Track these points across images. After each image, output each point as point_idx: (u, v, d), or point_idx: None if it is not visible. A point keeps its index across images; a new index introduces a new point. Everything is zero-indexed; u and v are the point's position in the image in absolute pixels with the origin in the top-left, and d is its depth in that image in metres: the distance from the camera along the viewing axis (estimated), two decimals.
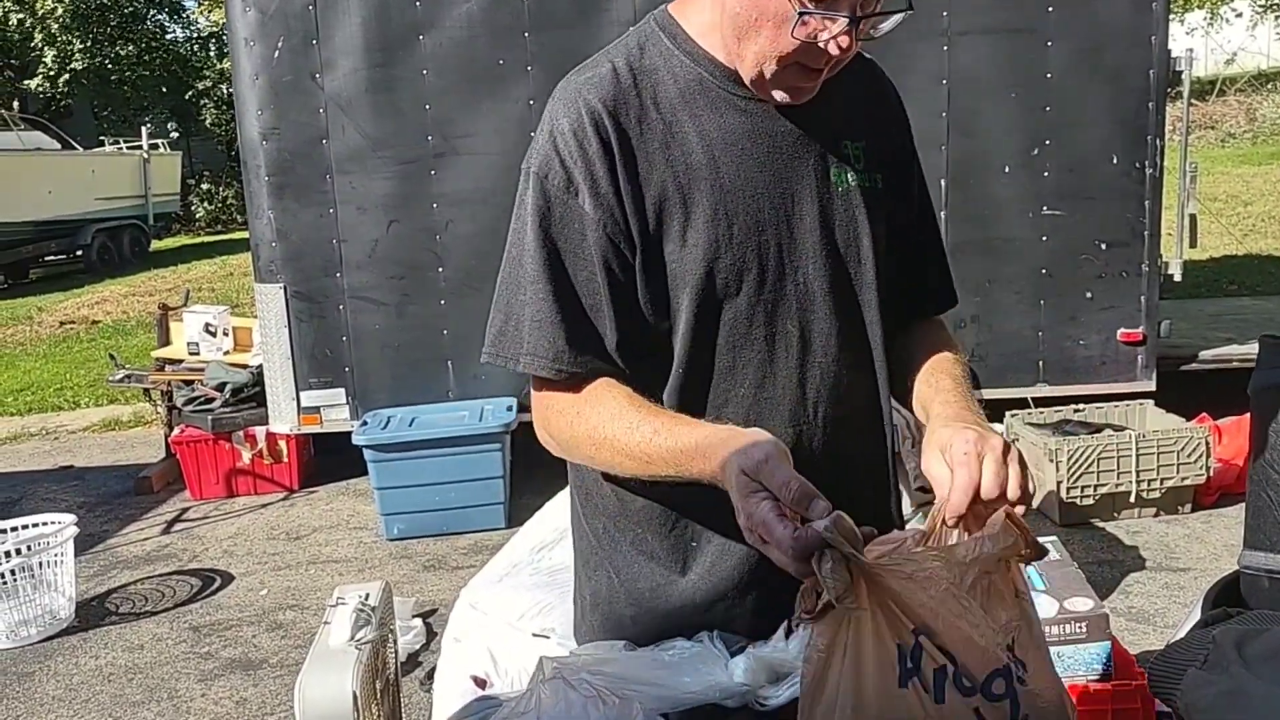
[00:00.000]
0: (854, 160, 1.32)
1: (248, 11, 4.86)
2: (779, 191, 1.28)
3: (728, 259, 1.26)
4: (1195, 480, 4.45)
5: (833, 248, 1.31)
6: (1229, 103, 18.00)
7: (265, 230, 5.04)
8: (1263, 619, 1.35)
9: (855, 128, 1.34)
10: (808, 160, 1.30)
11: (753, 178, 1.28)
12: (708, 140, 1.27)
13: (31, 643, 4.05)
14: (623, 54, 1.31)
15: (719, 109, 1.28)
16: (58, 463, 6.67)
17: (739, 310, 1.28)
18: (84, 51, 21.92)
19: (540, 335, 1.27)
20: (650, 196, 1.26)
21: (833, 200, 1.31)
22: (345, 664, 2.36)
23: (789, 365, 1.30)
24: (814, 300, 1.30)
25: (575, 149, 1.25)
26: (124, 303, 12.82)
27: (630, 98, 1.27)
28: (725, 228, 1.26)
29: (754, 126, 1.28)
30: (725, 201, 1.26)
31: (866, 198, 1.32)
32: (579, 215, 1.25)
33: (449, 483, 4.80)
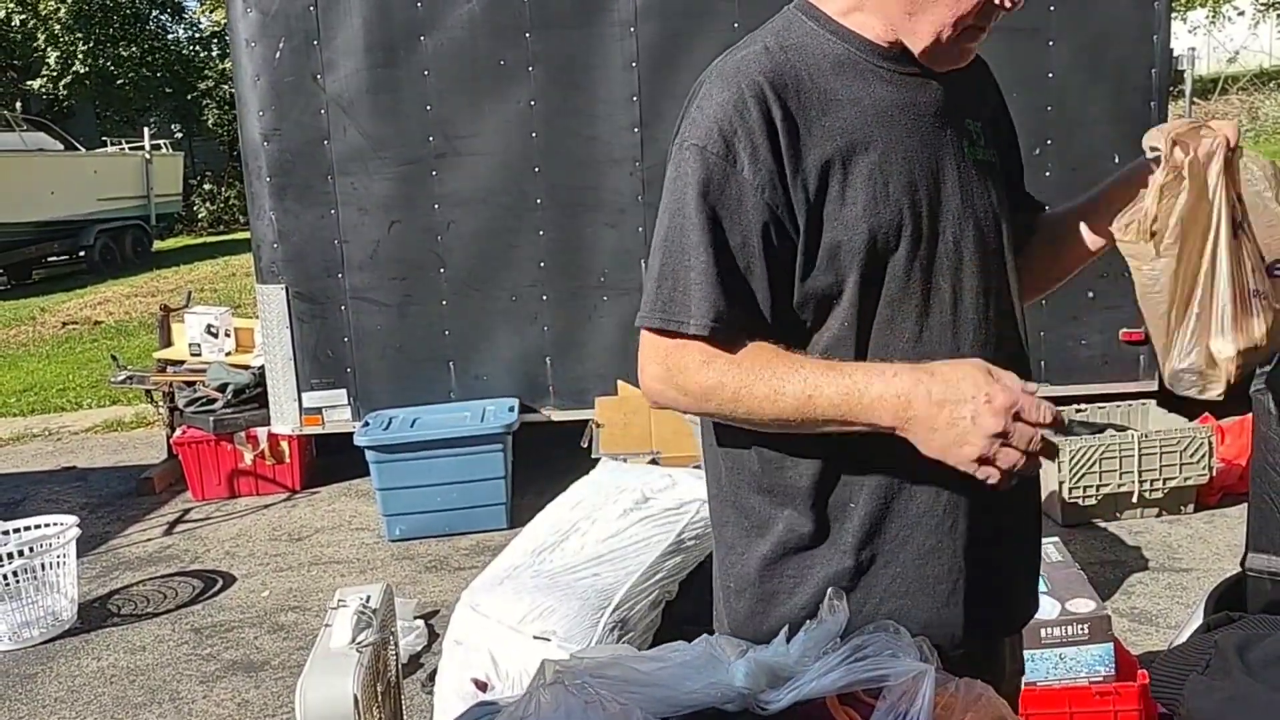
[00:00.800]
0: (977, 136, 1.45)
1: (249, 12, 4.86)
2: (926, 156, 1.37)
3: (886, 216, 1.33)
4: (1198, 480, 4.44)
5: (972, 211, 1.39)
6: (1231, 101, 17.96)
7: (267, 231, 5.04)
8: (1265, 623, 1.35)
9: (975, 108, 1.47)
10: (946, 131, 1.39)
11: (903, 142, 1.35)
12: (860, 107, 1.35)
13: (34, 644, 4.05)
14: (771, 35, 1.38)
15: (868, 80, 1.36)
16: (60, 464, 6.67)
17: (898, 266, 1.34)
18: (87, 53, 21.94)
19: (704, 297, 1.31)
20: (811, 161, 1.31)
21: (969, 169, 1.41)
22: (346, 666, 2.36)
23: (942, 319, 1.36)
24: (962, 259, 1.37)
25: (736, 120, 1.31)
26: (126, 303, 12.83)
27: (786, 70, 1.34)
28: (882, 187, 1.33)
29: (902, 97, 1.37)
30: (881, 163, 1.33)
31: (992, 166, 1.46)
32: (738, 183, 1.31)
33: (451, 484, 4.80)
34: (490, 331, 5.12)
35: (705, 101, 1.34)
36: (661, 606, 2.69)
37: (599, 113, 4.94)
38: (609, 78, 4.90)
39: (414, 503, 4.80)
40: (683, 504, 2.85)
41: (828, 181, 1.32)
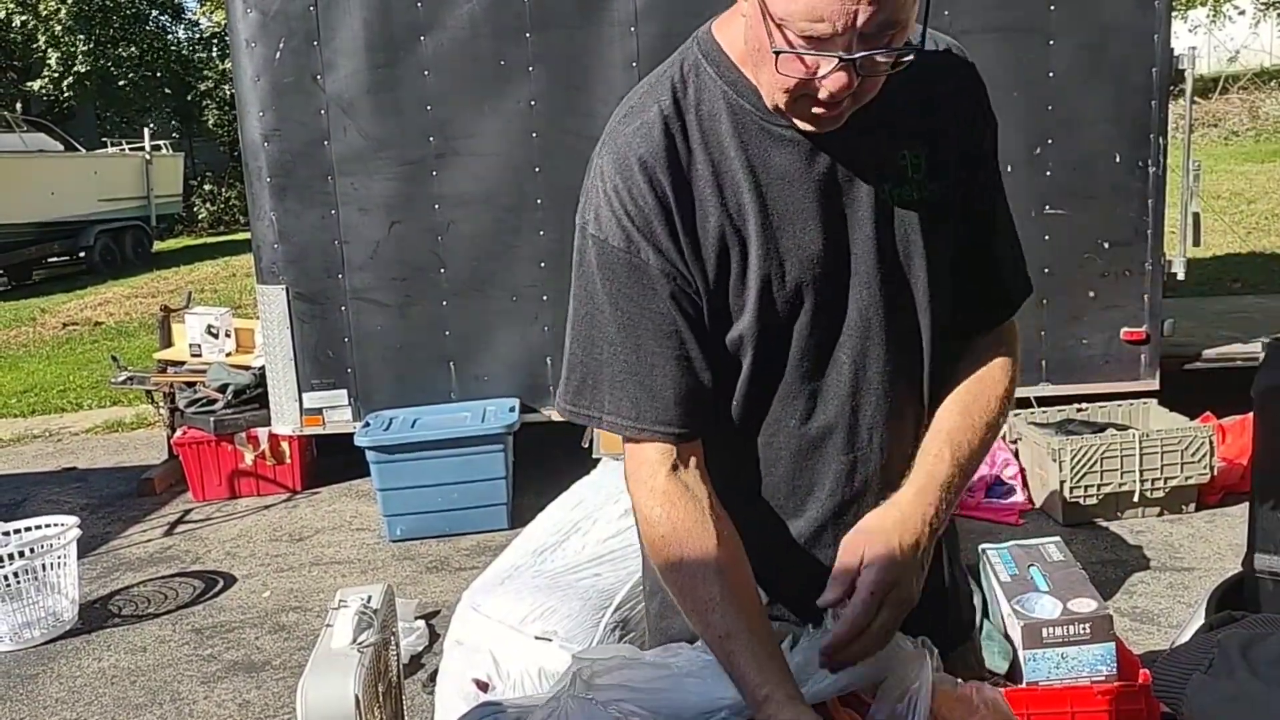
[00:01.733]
0: (914, 172, 1.28)
1: (249, 13, 4.86)
2: (831, 221, 1.26)
3: (781, 296, 1.26)
4: (1199, 479, 4.44)
5: (887, 273, 1.28)
6: (1232, 100, 17.96)
7: (267, 232, 5.04)
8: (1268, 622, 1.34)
9: (915, 136, 1.28)
10: (861, 184, 1.26)
11: (803, 208, 1.25)
12: (754, 176, 1.25)
13: (35, 645, 4.05)
14: (668, 92, 1.29)
15: (763, 143, 1.26)
16: (61, 464, 6.67)
17: (794, 345, 1.29)
18: (87, 53, 21.95)
19: (622, 395, 1.28)
20: (709, 243, 1.26)
21: (889, 223, 1.27)
22: (347, 667, 2.36)
23: (840, 394, 1.30)
24: (869, 328, 1.29)
25: (633, 208, 1.25)
26: (127, 304, 12.83)
27: (679, 144, 1.26)
28: (776, 265, 1.25)
29: (801, 154, 1.25)
30: (776, 238, 1.25)
31: (927, 212, 1.28)
32: (645, 272, 1.25)
33: (451, 484, 4.79)
34: (491, 332, 5.12)
35: (600, 181, 1.29)
36: None
37: (600, 113, 4.93)
38: (610, 78, 4.89)
39: (415, 503, 4.80)
40: None
41: (728, 262, 1.26)
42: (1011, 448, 4.84)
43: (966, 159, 1.31)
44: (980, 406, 1.31)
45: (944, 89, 1.31)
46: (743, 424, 1.32)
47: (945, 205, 1.29)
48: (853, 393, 1.30)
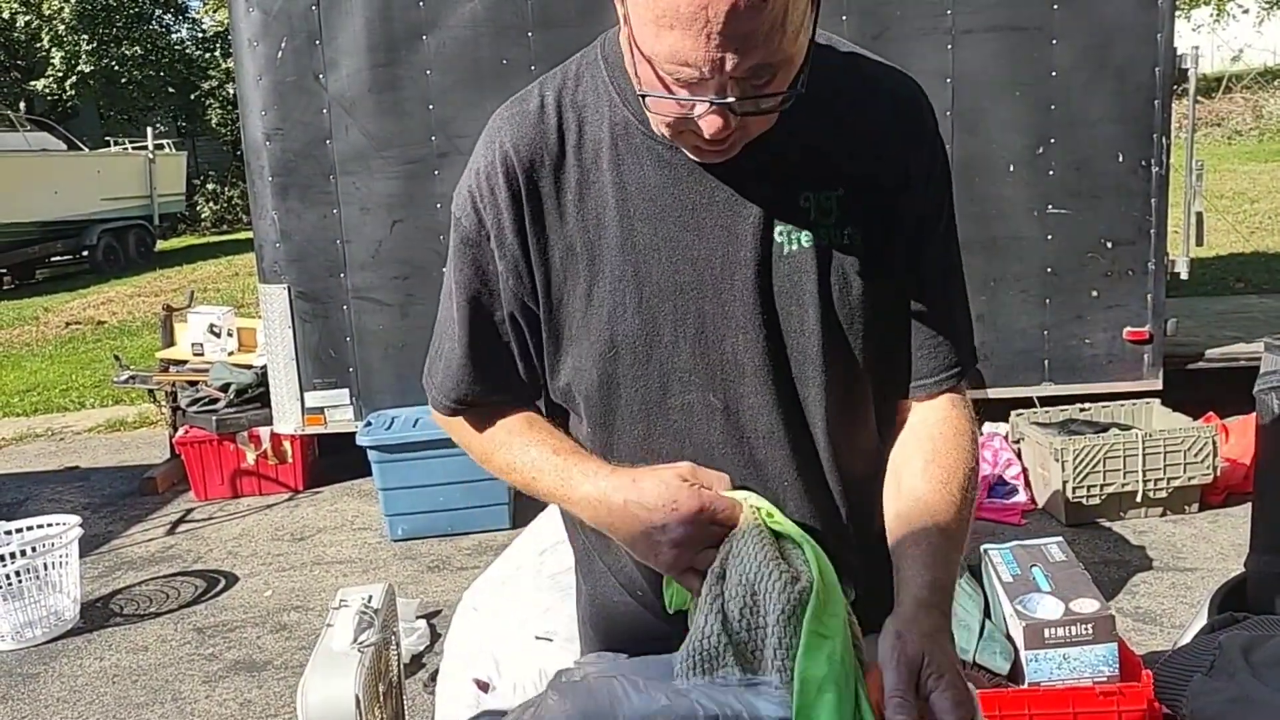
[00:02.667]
0: (818, 214, 1.16)
1: (251, 12, 4.86)
2: (705, 254, 1.15)
3: (635, 324, 1.17)
4: (1202, 479, 4.43)
5: (770, 316, 1.17)
6: (1235, 100, 17.93)
7: (269, 231, 5.04)
8: (1269, 624, 1.34)
9: (827, 176, 1.16)
10: (746, 218, 1.15)
11: (672, 237, 1.15)
12: (624, 194, 1.16)
13: (36, 644, 4.05)
14: (556, 85, 1.23)
15: (641, 159, 1.16)
16: (63, 463, 6.68)
17: (650, 379, 1.19)
18: (90, 53, 21.98)
19: (448, 376, 1.29)
20: (556, 252, 1.19)
21: (775, 263, 1.16)
22: (347, 667, 2.36)
23: (710, 438, 1.21)
24: (743, 372, 1.18)
25: (488, 194, 1.20)
26: (129, 303, 12.84)
27: (551, 141, 1.19)
28: (634, 291, 1.16)
29: (680, 181, 1.15)
30: (636, 263, 1.16)
31: (828, 257, 1.16)
32: (491, 260, 1.22)
33: (453, 483, 4.79)
34: None
35: (473, 160, 1.24)
36: None
37: None
38: None
39: (416, 502, 4.80)
40: None
41: (573, 277, 1.19)
42: (1014, 447, 4.84)
43: (896, 210, 1.18)
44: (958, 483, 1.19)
45: (870, 131, 1.18)
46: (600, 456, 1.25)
47: (863, 252, 1.17)
48: (724, 439, 1.21)
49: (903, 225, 1.19)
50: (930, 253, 1.21)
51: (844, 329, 1.17)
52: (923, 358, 1.23)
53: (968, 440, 1.22)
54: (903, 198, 1.18)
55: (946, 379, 1.23)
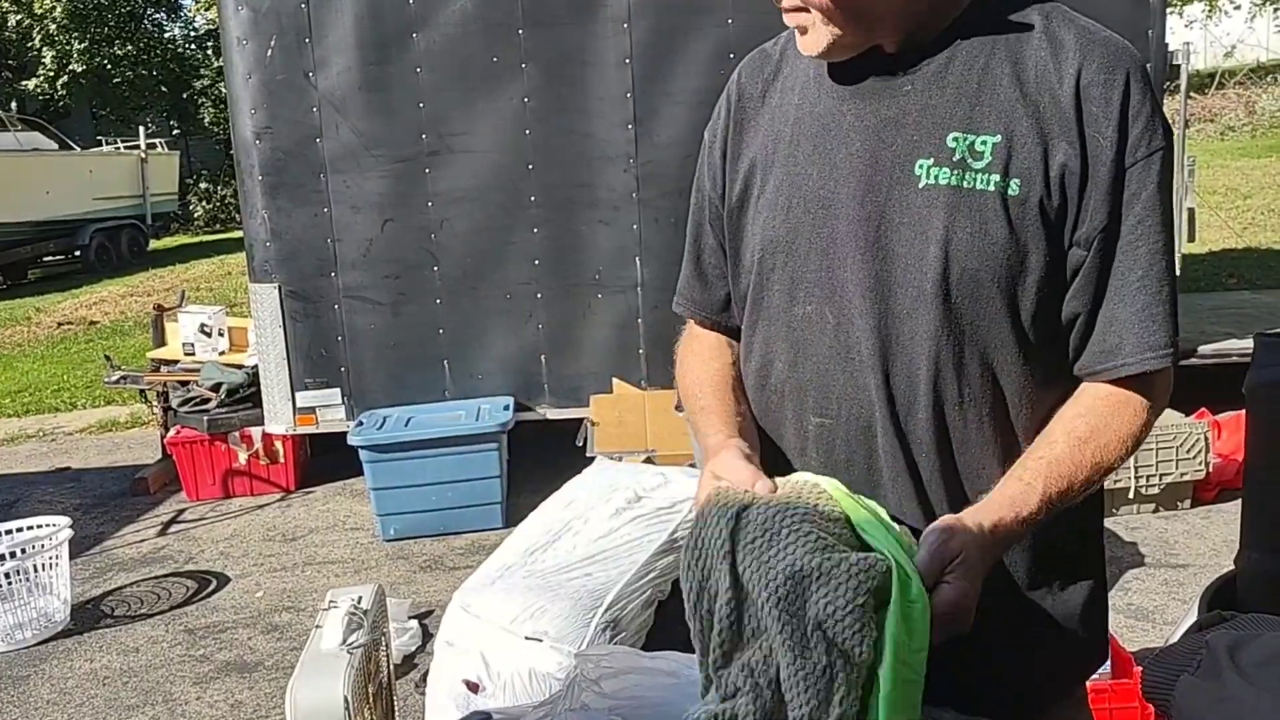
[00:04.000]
0: (967, 155, 1.17)
1: (240, 10, 4.84)
2: (849, 174, 1.22)
3: (781, 232, 1.27)
4: (1194, 476, 4.44)
5: (886, 243, 1.20)
6: (1228, 96, 17.96)
7: (259, 230, 5.02)
8: (1256, 623, 1.33)
9: (982, 118, 1.17)
10: (891, 146, 1.20)
11: (827, 157, 1.24)
12: (800, 116, 1.28)
13: (26, 646, 4.04)
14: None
15: (822, 88, 1.27)
16: (54, 464, 6.65)
17: (783, 285, 1.28)
18: (82, 52, 21.91)
19: (682, 278, 1.47)
20: (744, 164, 1.33)
21: (907, 194, 1.19)
22: (336, 668, 2.35)
23: (820, 351, 1.26)
24: (853, 293, 1.22)
25: (720, 111, 1.39)
26: (122, 303, 12.81)
27: (767, 73, 1.35)
28: (785, 201, 1.27)
29: (844, 110, 1.24)
30: (793, 176, 1.26)
31: (968, 199, 1.16)
32: (704, 168, 1.41)
33: (445, 483, 4.78)
34: (485, 330, 5.10)
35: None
36: (654, 606, 2.68)
37: (593, 110, 4.92)
38: (603, 75, 4.88)
39: (408, 502, 4.79)
40: (675, 503, 2.84)
41: (751, 187, 1.32)
42: None
43: (1068, 173, 1.15)
44: (1096, 445, 1.18)
45: (1051, 83, 1.17)
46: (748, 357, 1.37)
47: (1010, 204, 1.16)
48: (834, 354, 1.25)
49: (1075, 193, 1.16)
50: (1114, 230, 1.17)
51: (972, 276, 1.16)
52: (1081, 339, 1.21)
53: (1123, 426, 1.19)
54: (1083, 166, 1.15)
55: (1104, 368, 1.20)
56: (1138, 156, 1.15)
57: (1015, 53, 1.17)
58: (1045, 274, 1.17)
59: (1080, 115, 1.15)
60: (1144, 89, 1.17)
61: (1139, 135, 1.15)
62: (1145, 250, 1.17)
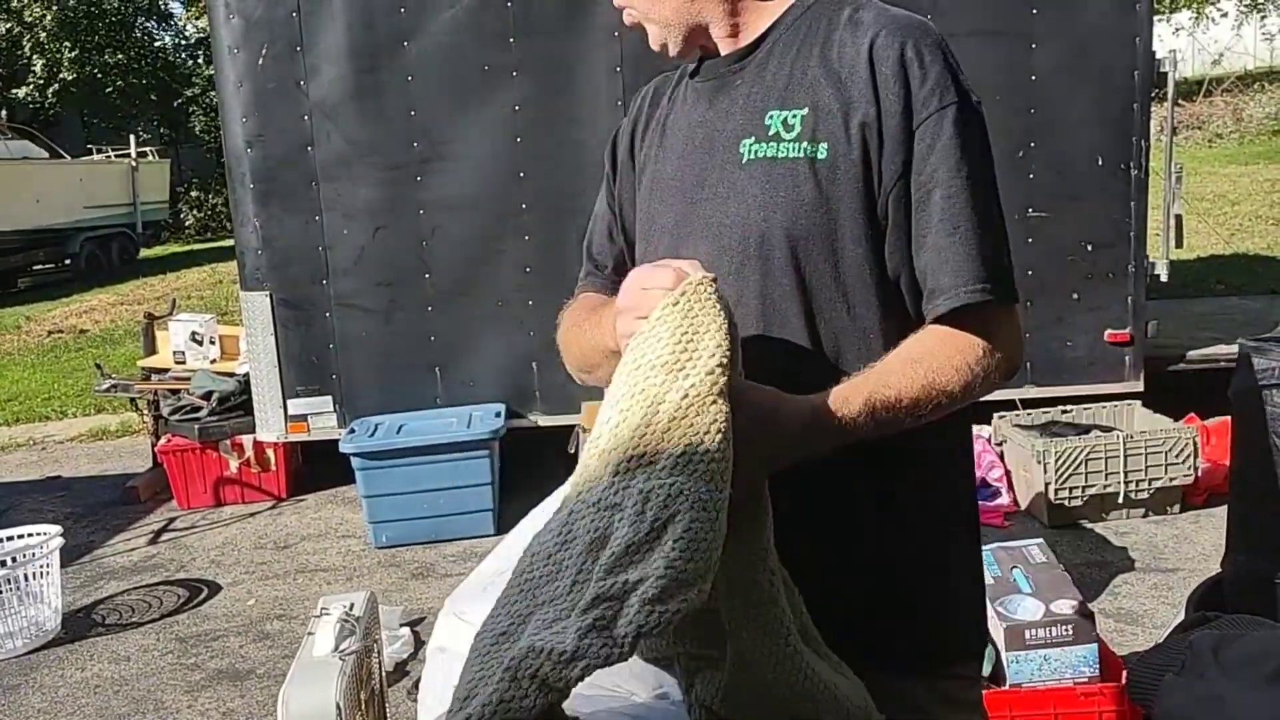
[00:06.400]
0: (783, 131, 1.29)
1: (231, 18, 4.85)
2: (691, 166, 1.38)
3: (644, 217, 1.44)
4: (1183, 481, 4.46)
5: (718, 218, 1.33)
6: (1216, 103, 18.05)
7: (251, 238, 5.02)
8: (1239, 624, 1.35)
9: (793, 96, 1.31)
10: (723, 133, 1.35)
11: (679, 148, 1.40)
12: (671, 119, 1.44)
13: (17, 655, 4.02)
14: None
15: (689, 94, 1.43)
16: (45, 473, 6.64)
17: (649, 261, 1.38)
18: (73, 60, 21.88)
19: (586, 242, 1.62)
20: (627, 169, 1.50)
21: (732, 172, 1.33)
22: (329, 675, 2.35)
23: None
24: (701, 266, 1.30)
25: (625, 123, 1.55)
26: (112, 311, 12.78)
27: (668, 84, 1.50)
28: (646, 195, 1.44)
29: (698, 107, 1.40)
30: (657, 168, 1.43)
31: (784, 167, 1.28)
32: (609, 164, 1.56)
33: (437, 490, 4.78)
34: (476, 337, 5.11)
35: None
36: None
37: (584, 117, 4.94)
38: (594, 83, 4.89)
39: (400, 509, 4.78)
40: None
41: (627, 188, 1.50)
42: (996, 450, 4.85)
43: (867, 128, 1.26)
44: (927, 367, 1.22)
45: (849, 57, 1.29)
46: None
47: (818, 166, 1.27)
48: None
49: (875, 147, 1.26)
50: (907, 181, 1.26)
51: (787, 234, 1.28)
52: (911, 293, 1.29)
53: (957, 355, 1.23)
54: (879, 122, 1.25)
55: (926, 310, 1.26)
56: (929, 110, 1.25)
57: (824, 38, 1.31)
58: (861, 231, 1.27)
59: (874, 78, 1.26)
60: (933, 52, 1.27)
61: (928, 92, 1.25)
62: (940, 195, 1.24)
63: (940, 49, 1.29)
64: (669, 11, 1.36)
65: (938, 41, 1.29)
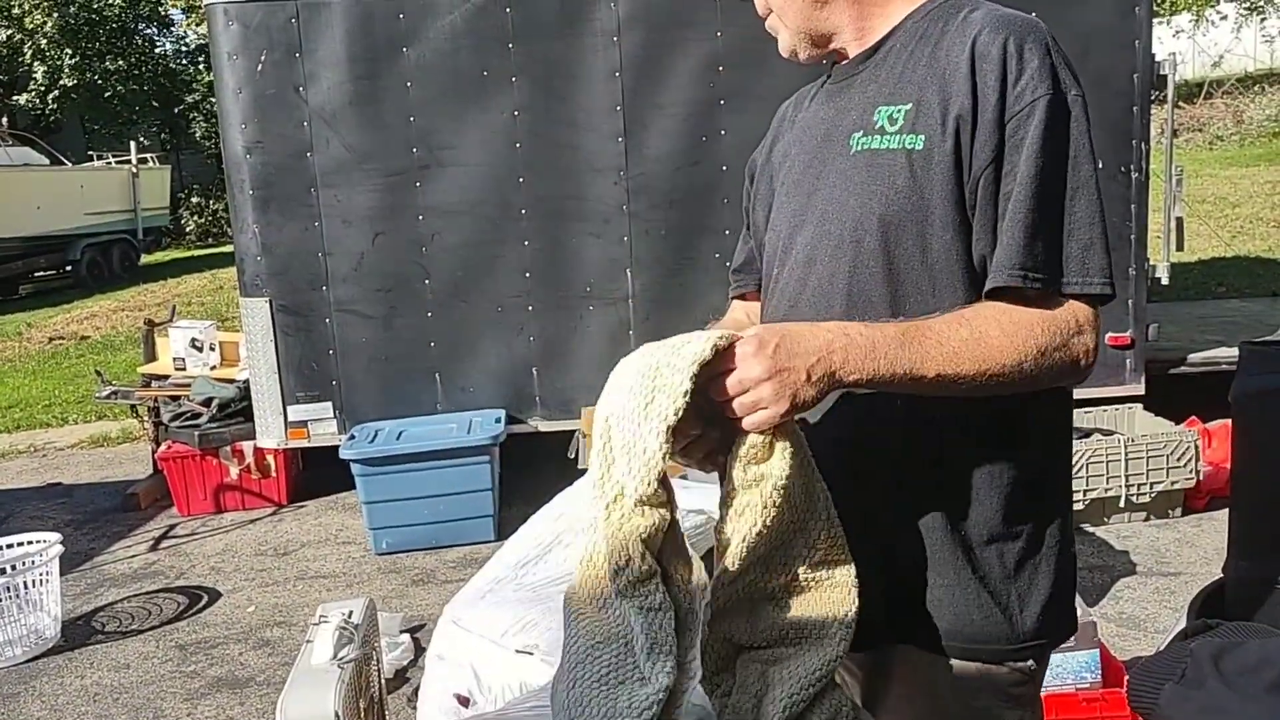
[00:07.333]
0: (888, 125, 1.36)
1: (230, 25, 4.85)
2: (812, 160, 1.45)
3: (774, 216, 1.52)
4: (1185, 484, 4.45)
5: (822, 204, 1.40)
6: (1216, 105, 18.05)
7: (250, 244, 5.02)
8: (1241, 631, 1.34)
9: (901, 92, 1.36)
10: (839, 127, 1.42)
11: (805, 149, 1.48)
12: (803, 121, 1.53)
13: (16, 663, 4.02)
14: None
15: (818, 97, 1.52)
16: (45, 480, 6.63)
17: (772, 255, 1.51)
18: (74, 67, 21.90)
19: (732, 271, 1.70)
20: (766, 173, 1.58)
21: (841, 163, 1.39)
22: (327, 683, 2.34)
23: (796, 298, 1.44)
24: (798, 250, 1.43)
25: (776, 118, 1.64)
26: (113, 318, 12.78)
27: (810, 90, 1.57)
28: (779, 190, 1.51)
29: (824, 108, 1.48)
30: (787, 170, 1.51)
31: (888, 158, 1.33)
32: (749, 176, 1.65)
33: (438, 496, 4.78)
34: (476, 343, 5.10)
35: None
36: None
37: (583, 122, 4.94)
38: (592, 87, 4.89)
39: (401, 516, 4.78)
40: None
41: (764, 190, 1.57)
42: None
43: (962, 120, 1.30)
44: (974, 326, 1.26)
45: (944, 53, 1.34)
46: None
47: (925, 158, 1.31)
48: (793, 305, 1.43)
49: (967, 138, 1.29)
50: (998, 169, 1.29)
51: (881, 219, 1.33)
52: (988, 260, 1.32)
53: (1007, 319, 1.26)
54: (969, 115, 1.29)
55: (996, 276, 1.28)
56: (1023, 103, 1.27)
57: (935, 38, 1.35)
58: (950, 218, 1.31)
59: (974, 73, 1.29)
60: (1035, 46, 1.29)
61: (1024, 84, 1.27)
62: (1018, 182, 1.28)
63: (1043, 44, 1.30)
64: (799, 19, 1.43)
65: (1041, 37, 1.31)
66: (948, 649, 1.34)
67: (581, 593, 1.25)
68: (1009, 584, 1.35)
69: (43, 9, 21.39)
